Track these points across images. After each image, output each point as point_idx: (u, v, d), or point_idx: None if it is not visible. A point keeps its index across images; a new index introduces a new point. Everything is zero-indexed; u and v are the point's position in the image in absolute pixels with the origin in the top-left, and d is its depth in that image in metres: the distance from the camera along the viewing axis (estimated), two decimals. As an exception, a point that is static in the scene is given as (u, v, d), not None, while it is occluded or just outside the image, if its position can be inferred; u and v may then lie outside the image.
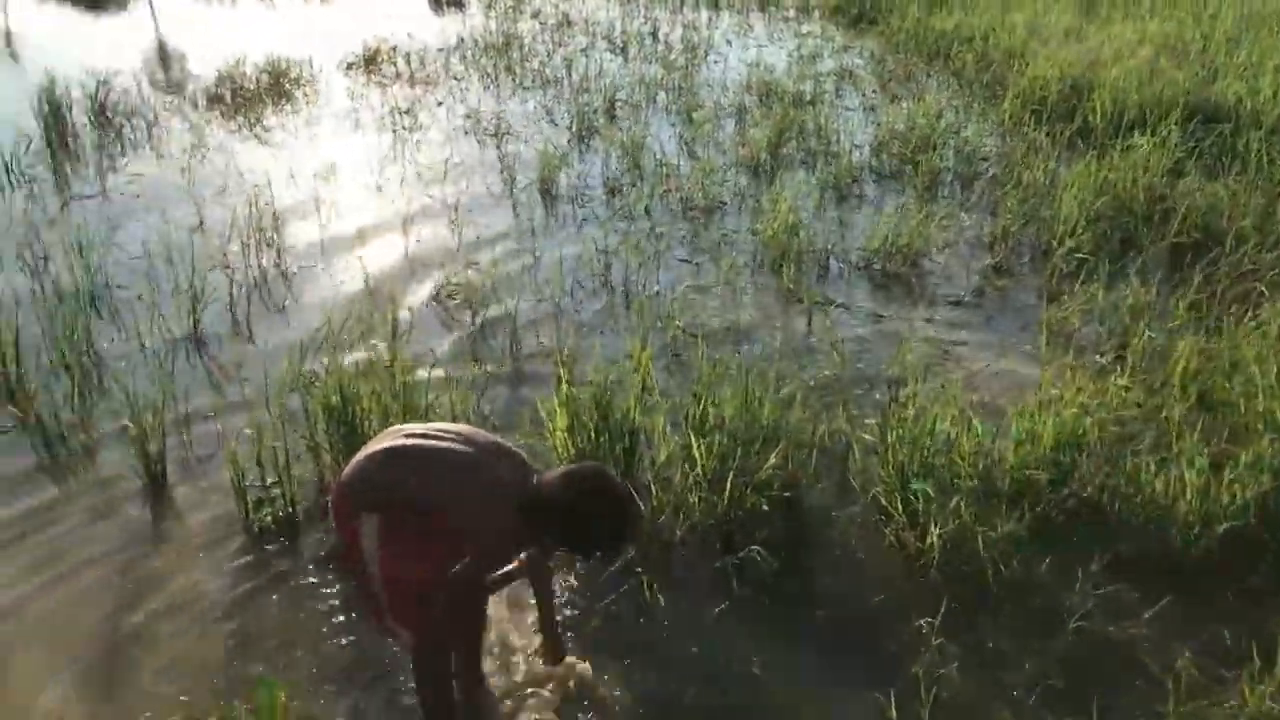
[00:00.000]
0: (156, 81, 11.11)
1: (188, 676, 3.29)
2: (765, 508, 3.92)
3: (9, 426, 4.59)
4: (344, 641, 3.43)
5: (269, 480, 4.11)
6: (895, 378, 4.95)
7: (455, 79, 11.33)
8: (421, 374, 4.60)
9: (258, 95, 10.35)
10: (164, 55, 12.70)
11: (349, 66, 11.68)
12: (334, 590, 3.66)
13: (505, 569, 2.96)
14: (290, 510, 4.03)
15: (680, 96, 10.35)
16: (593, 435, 4.16)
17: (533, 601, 3.18)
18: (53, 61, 9.82)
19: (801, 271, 6.23)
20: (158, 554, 3.88)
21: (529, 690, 3.20)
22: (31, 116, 8.89)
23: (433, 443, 2.74)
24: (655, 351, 5.01)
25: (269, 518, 4.00)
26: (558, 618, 3.25)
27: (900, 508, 3.88)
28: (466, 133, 9.27)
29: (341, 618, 3.53)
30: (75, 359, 5.00)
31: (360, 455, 2.83)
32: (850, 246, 6.67)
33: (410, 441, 2.76)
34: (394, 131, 9.21)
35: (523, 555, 2.97)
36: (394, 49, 12.17)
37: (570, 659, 3.23)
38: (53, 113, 8.99)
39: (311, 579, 3.73)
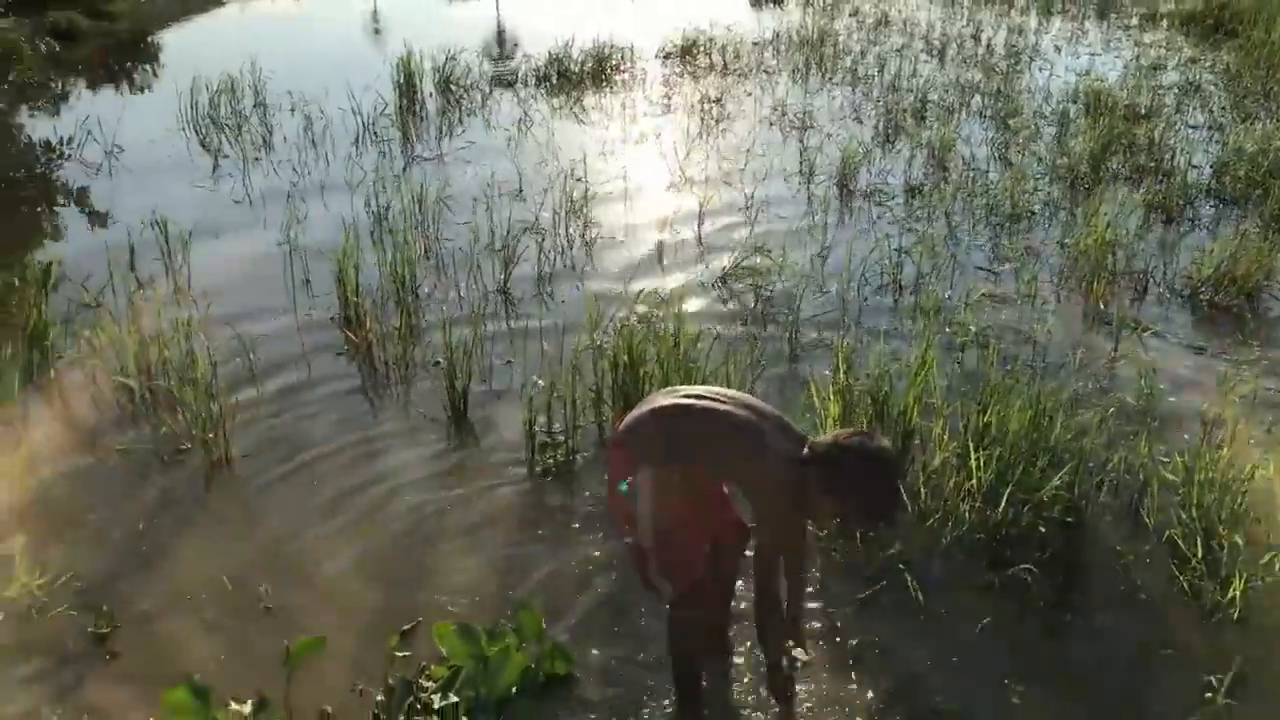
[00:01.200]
0: (494, 60, 12.12)
1: (462, 591, 3.61)
2: (1042, 529, 3.69)
3: (344, 349, 5.23)
4: (604, 586, 3.62)
5: (556, 427, 4.40)
6: (1211, 416, 4.48)
7: (766, 72, 11.47)
8: (703, 346, 4.73)
9: (581, 78, 11.02)
10: (502, 37, 13.83)
11: (666, 55, 12.15)
12: (600, 537, 3.87)
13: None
14: (571, 458, 4.31)
15: (997, 101, 9.87)
16: (866, 429, 4.11)
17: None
18: (410, 37, 10.94)
19: (1115, 292, 5.78)
20: (452, 478, 4.28)
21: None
22: (389, 85, 9.99)
23: (711, 403, 2.81)
24: (941, 356, 4.84)
25: (552, 461, 4.29)
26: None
27: (1200, 553, 3.52)
28: (771, 124, 9.38)
29: (605, 564, 3.72)
30: (403, 298, 5.59)
31: (641, 408, 2.95)
32: (1174, 271, 6.10)
33: (690, 400, 2.84)
34: (701, 119, 9.48)
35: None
36: (710, 40, 12.50)
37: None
38: (406, 82, 10.07)
39: (583, 523, 3.96)
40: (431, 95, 10.20)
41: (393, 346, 5.14)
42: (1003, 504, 3.72)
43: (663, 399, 2.91)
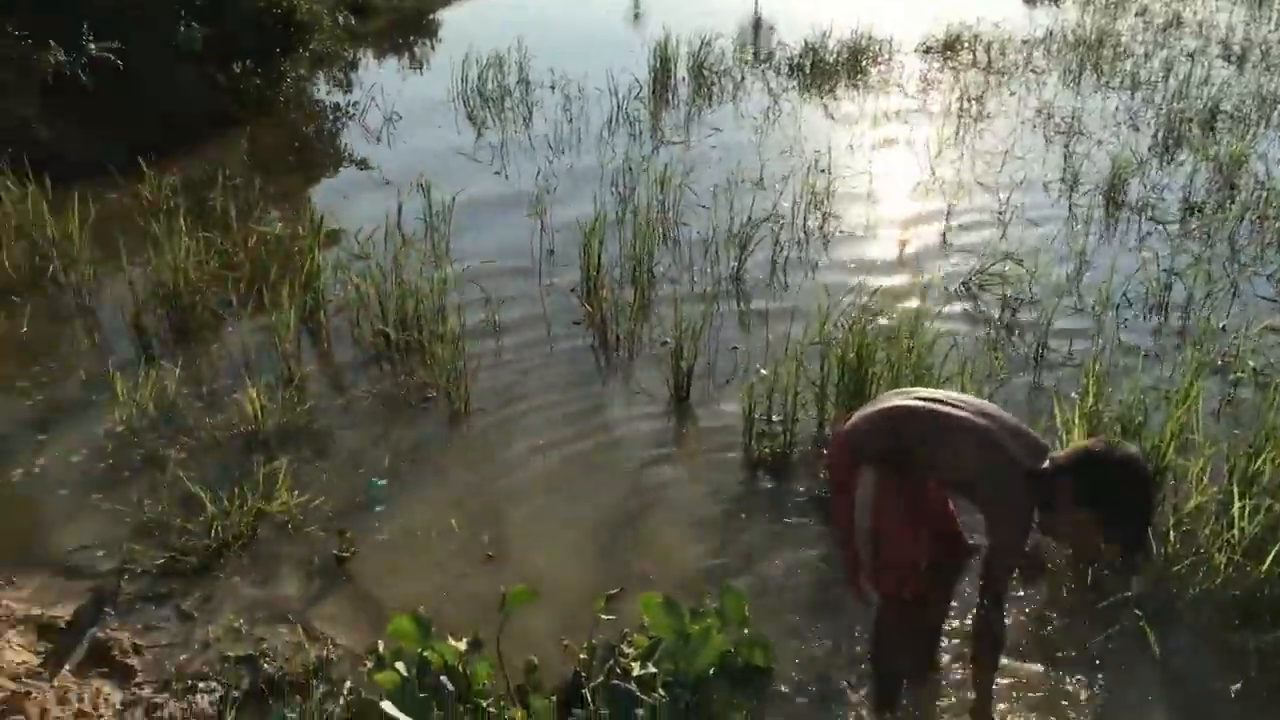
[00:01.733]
0: (748, 47, 12.11)
1: (668, 565, 3.67)
2: (1315, 596, 3.28)
3: (580, 319, 5.43)
4: (810, 581, 3.57)
5: (775, 418, 4.37)
6: None
7: (1033, 71, 10.81)
8: (939, 351, 4.54)
9: (834, 69, 10.82)
10: (759, 25, 13.79)
11: (926, 50, 11.70)
12: (811, 532, 3.81)
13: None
14: (787, 450, 4.26)
15: (1306, 114, 8.82)
16: (1112, 439, 3.80)
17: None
18: (669, 22, 11.12)
19: None
20: (670, 455, 4.36)
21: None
22: (644, 68, 10.21)
23: (946, 409, 2.67)
24: (1207, 389, 4.39)
25: (767, 451, 4.26)
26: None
27: None
28: (1034, 127, 8.83)
29: (814, 560, 3.67)
30: (639, 276, 5.71)
31: (869, 408, 2.85)
32: None
33: (923, 404, 2.72)
34: (958, 117, 9.07)
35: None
36: (976, 37, 11.92)
37: None
38: (661, 66, 10.26)
39: (794, 516, 3.92)
40: (684, 80, 10.34)
41: (625, 321, 5.27)
42: (1268, 562, 3.33)
43: (894, 400, 2.81)
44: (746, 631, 3.16)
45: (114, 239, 5.69)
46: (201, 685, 3.08)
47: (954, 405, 2.67)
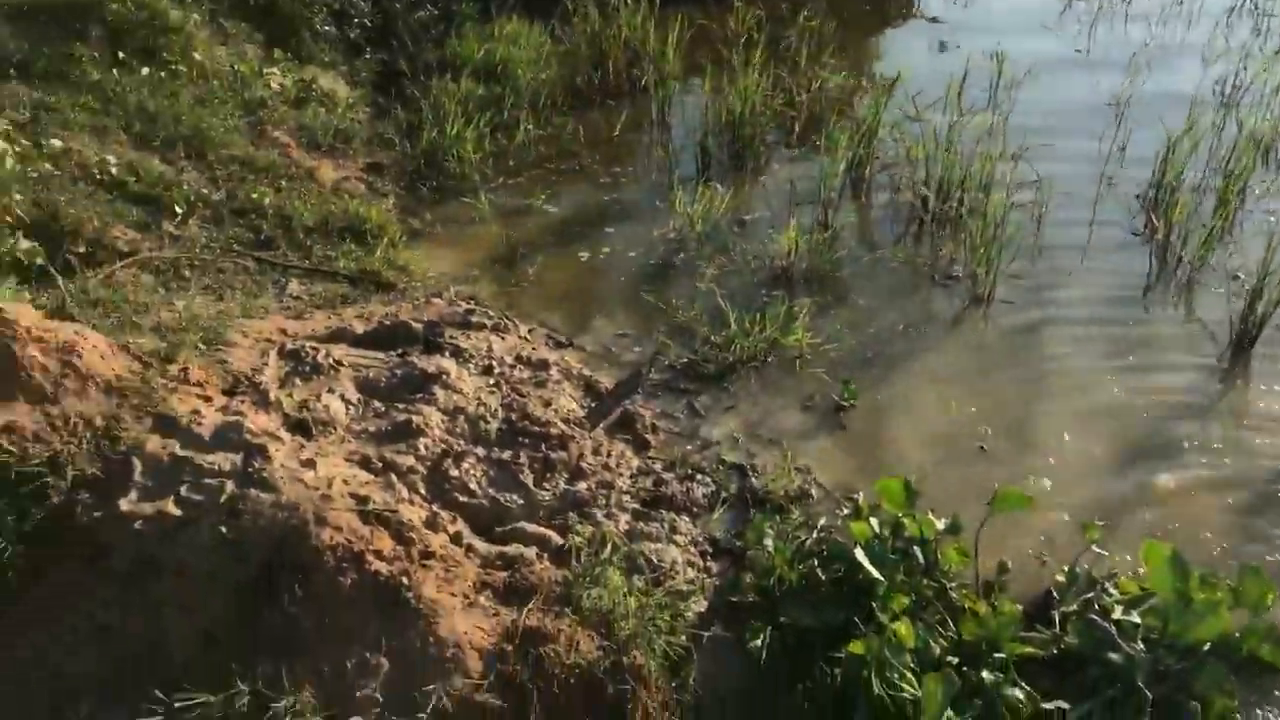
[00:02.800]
0: None
1: (1177, 519, 3.34)
2: None
3: (1141, 229, 4.88)
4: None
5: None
6: None
7: None
8: None
9: None
10: None
11: None
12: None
13: None
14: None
15: None
16: None
17: None
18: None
19: None
20: (1212, 409, 3.86)
21: None
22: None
23: None
24: None
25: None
26: None
27: None
28: None
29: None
30: (1226, 194, 4.91)
31: None
32: None
33: None
34: None
35: None
36: None
37: None
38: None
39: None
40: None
41: (1194, 243, 4.63)
42: None
43: None
44: (1262, 622, 2.79)
45: (698, 63, 6.15)
46: (699, 476, 3.45)
47: None
